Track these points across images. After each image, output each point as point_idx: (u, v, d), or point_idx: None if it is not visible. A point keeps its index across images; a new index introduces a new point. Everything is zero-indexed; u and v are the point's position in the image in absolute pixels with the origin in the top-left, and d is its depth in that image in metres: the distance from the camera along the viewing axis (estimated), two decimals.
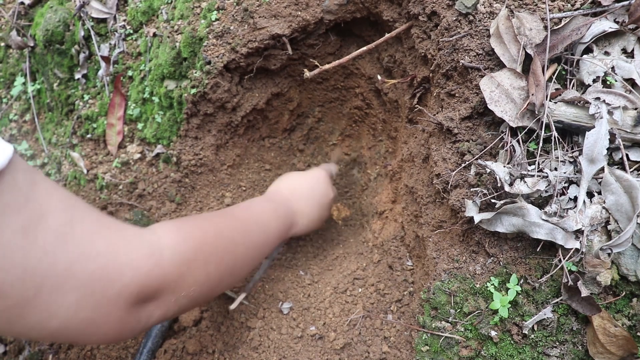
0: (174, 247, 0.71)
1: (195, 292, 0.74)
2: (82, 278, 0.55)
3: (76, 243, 0.56)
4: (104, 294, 0.58)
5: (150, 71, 1.28)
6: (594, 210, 0.72)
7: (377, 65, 1.26)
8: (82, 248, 0.56)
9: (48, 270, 0.52)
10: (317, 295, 1.09)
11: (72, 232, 0.56)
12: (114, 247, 0.61)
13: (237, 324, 1.09)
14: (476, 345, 0.79)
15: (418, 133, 1.05)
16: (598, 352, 0.72)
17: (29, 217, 0.51)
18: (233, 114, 1.28)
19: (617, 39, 0.77)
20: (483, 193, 0.77)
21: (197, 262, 0.74)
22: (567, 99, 0.74)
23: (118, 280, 0.59)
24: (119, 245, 0.62)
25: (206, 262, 0.77)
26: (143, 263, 0.64)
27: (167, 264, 0.68)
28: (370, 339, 0.95)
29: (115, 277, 0.59)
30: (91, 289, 0.56)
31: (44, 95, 1.53)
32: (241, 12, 1.13)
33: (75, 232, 0.56)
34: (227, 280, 0.85)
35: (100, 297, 0.58)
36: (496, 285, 0.78)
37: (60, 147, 1.47)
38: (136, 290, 0.62)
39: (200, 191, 1.30)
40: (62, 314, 0.55)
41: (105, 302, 0.58)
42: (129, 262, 0.62)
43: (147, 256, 0.65)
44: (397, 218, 1.16)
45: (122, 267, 0.60)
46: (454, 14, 0.86)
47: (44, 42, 1.41)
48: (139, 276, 0.63)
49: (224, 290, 0.90)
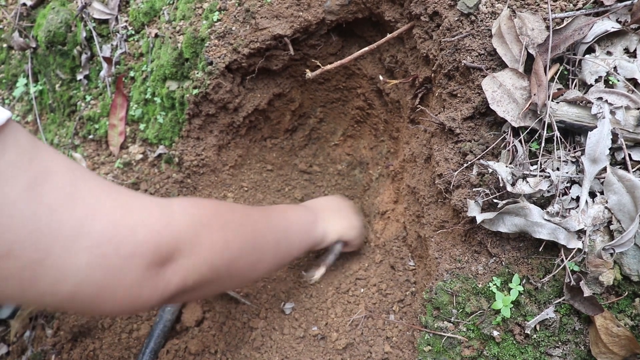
0: (186, 210, 0.68)
1: (215, 260, 0.70)
2: (92, 237, 0.53)
3: (84, 201, 0.54)
4: (117, 253, 0.56)
5: (152, 72, 1.29)
6: (597, 210, 0.72)
7: (379, 65, 1.26)
8: (91, 206, 0.55)
9: (57, 229, 0.51)
10: (319, 296, 1.09)
11: (78, 191, 0.54)
12: (124, 206, 0.59)
13: (240, 324, 1.10)
14: (478, 345, 0.79)
15: (420, 133, 1.05)
16: (601, 352, 0.72)
17: (34, 176, 0.50)
18: (235, 115, 1.28)
19: (620, 39, 0.77)
20: (485, 193, 0.77)
21: (213, 226, 0.71)
22: (569, 99, 0.74)
23: (130, 238, 0.57)
24: (129, 204, 0.60)
25: (223, 227, 0.73)
26: (155, 221, 0.61)
27: (181, 222, 0.65)
28: (372, 339, 0.96)
29: (127, 235, 0.57)
30: (103, 249, 0.54)
31: (46, 96, 1.54)
32: (243, 12, 1.13)
33: (82, 191, 0.55)
34: (250, 256, 0.80)
35: (113, 258, 0.55)
36: (498, 285, 0.78)
37: (63, 148, 1.47)
38: (150, 248, 0.59)
39: (202, 192, 1.31)
40: (75, 276, 0.53)
41: (118, 263, 0.56)
42: (141, 220, 0.59)
43: (158, 214, 0.62)
44: (399, 218, 1.16)
45: (134, 225, 0.58)
46: (455, 14, 0.86)
47: (46, 43, 1.41)
48: (151, 233, 0.60)
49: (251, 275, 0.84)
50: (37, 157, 0.52)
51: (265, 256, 0.85)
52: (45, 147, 0.55)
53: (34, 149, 0.52)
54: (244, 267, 0.79)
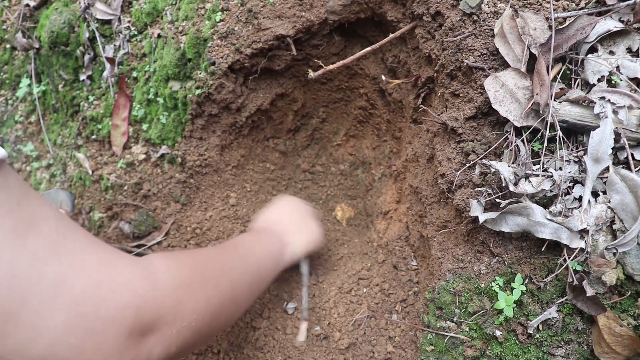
0: (168, 271, 0.65)
1: (197, 322, 0.67)
2: (73, 293, 0.50)
3: (68, 254, 0.51)
4: (97, 314, 0.51)
5: (154, 72, 1.29)
6: (599, 209, 0.72)
7: (382, 65, 1.26)
8: (74, 260, 0.52)
9: (36, 280, 0.47)
10: (322, 295, 1.09)
11: (63, 243, 0.52)
12: (107, 264, 0.56)
13: (242, 323, 1.10)
14: (481, 345, 0.79)
15: (422, 133, 1.05)
16: (604, 351, 0.72)
17: (20, 220, 0.48)
18: (237, 115, 1.28)
19: (622, 38, 0.77)
20: (488, 193, 0.77)
21: (194, 286, 0.68)
22: (571, 98, 0.74)
23: (112, 299, 0.53)
24: (112, 264, 0.56)
25: (203, 285, 0.71)
26: (138, 283, 0.58)
27: (164, 287, 0.62)
28: (375, 339, 0.96)
29: (109, 296, 0.53)
30: (82, 308, 0.50)
31: (49, 97, 1.54)
32: (245, 13, 1.14)
33: (67, 244, 0.52)
34: (229, 308, 0.78)
35: (92, 320, 0.51)
36: (501, 285, 0.78)
37: (66, 148, 1.48)
38: (133, 315, 0.55)
39: (205, 192, 1.31)
40: (49, 337, 0.48)
41: (97, 327, 0.52)
42: (124, 283, 0.56)
43: (141, 277, 0.59)
44: (401, 218, 1.16)
45: (117, 286, 0.54)
46: (458, 14, 0.86)
47: (49, 44, 1.42)
48: (134, 296, 0.56)
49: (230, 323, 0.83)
50: (26, 202, 0.50)
51: (242, 302, 0.84)
52: (35, 194, 0.53)
53: (23, 193, 0.50)
54: (224, 319, 0.78)
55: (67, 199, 1.38)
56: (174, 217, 1.27)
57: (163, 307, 0.61)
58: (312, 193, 1.47)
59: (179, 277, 0.66)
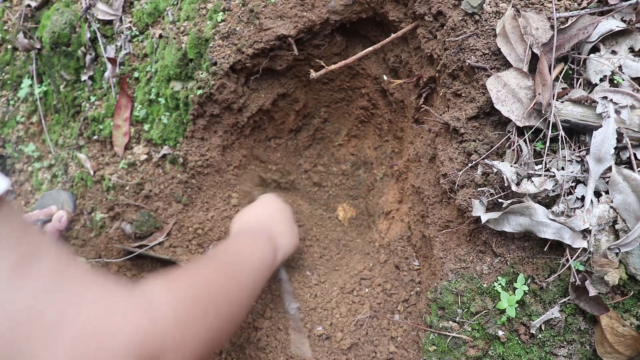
0: (168, 303, 0.64)
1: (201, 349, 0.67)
2: (75, 329, 0.49)
3: (69, 289, 0.51)
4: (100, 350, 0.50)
5: (156, 72, 1.29)
6: (602, 209, 0.72)
7: (383, 65, 1.26)
8: (76, 295, 0.51)
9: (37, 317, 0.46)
10: (324, 296, 1.09)
11: (65, 278, 0.51)
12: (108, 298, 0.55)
13: (244, 324, 1.10)
14: (483, 345, 0.79)
15: (424, 133, 1.05)
16: (606, 351, 0.72)
17: (22, 255, 0.47)
18: (239, 115, 1.28)
19: (624, 38, 0.77)
20: (490, 193, 0.77)
21: (195, 313, 0.68)
22: (574, 98, 0.74)
23: (115, 334, 0.52)
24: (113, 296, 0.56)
25: (205, 317, 0.70)
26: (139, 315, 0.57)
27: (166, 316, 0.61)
28: (377, 339, 0.96)
29: (112, 331, 0.52)
30: (85, 344, 0.49)
31: (51, 97, 1.54)
32: (247, 13, 1.14)
33: (69, 279, 0.51)
34: (229, 328, 0.78)
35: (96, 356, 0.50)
36: (503, 284, 0.78)
37: (67, 149, 1.48)
38: (136, 348, 0.54)
39: (206, 192, 1.31)
40: None
41: None
42: (126, 315, 0.55)
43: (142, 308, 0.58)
44: (403, 218, 1.16)
45: (119, 320, 0.53)
46: (460, 13, 0.86)
47: (50, 44, 1.42)
48: (136, 330, 0.55)
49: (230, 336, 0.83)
50: (27, 237, 0.50)
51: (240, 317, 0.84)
52: (34, 230, 0.52)
53: (25, 227, 0.50)
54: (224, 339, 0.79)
55: (69, 199, 1.38)
56: (176, 217, 1.27)
57: (165, 341, 0.60)
58: (313, 193, 1.47)
59: (180, 308, 0.66)
